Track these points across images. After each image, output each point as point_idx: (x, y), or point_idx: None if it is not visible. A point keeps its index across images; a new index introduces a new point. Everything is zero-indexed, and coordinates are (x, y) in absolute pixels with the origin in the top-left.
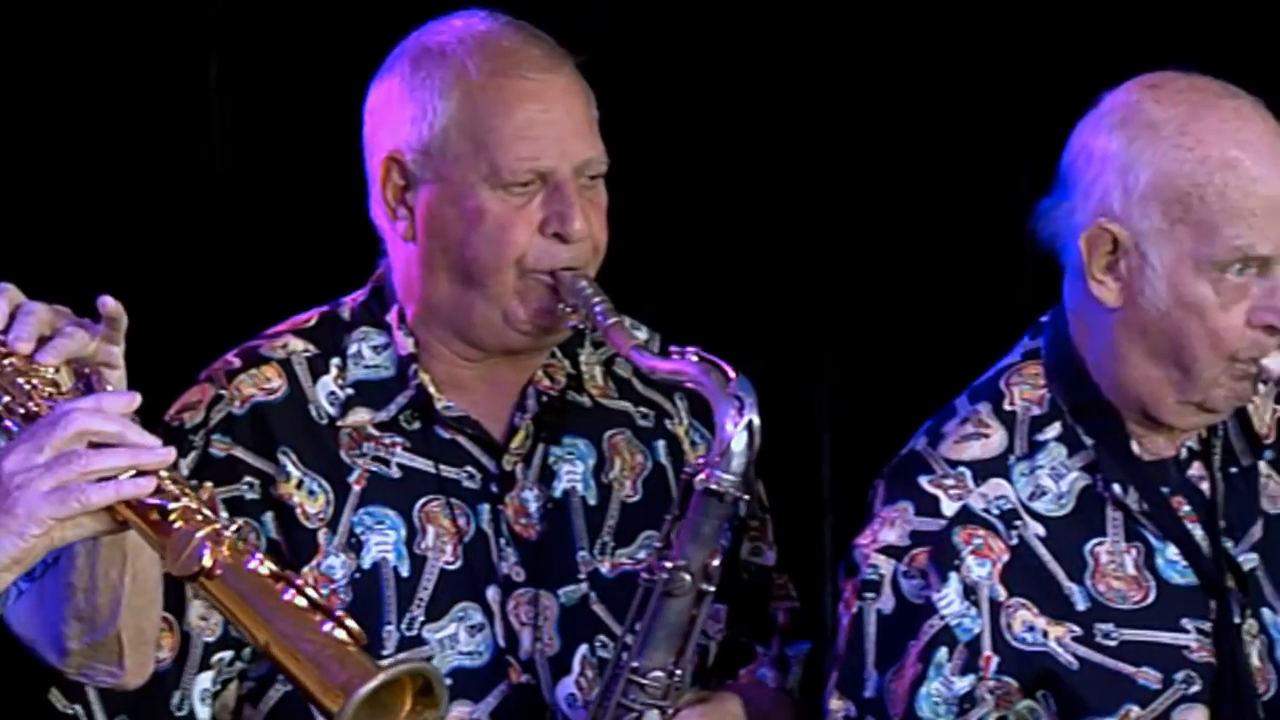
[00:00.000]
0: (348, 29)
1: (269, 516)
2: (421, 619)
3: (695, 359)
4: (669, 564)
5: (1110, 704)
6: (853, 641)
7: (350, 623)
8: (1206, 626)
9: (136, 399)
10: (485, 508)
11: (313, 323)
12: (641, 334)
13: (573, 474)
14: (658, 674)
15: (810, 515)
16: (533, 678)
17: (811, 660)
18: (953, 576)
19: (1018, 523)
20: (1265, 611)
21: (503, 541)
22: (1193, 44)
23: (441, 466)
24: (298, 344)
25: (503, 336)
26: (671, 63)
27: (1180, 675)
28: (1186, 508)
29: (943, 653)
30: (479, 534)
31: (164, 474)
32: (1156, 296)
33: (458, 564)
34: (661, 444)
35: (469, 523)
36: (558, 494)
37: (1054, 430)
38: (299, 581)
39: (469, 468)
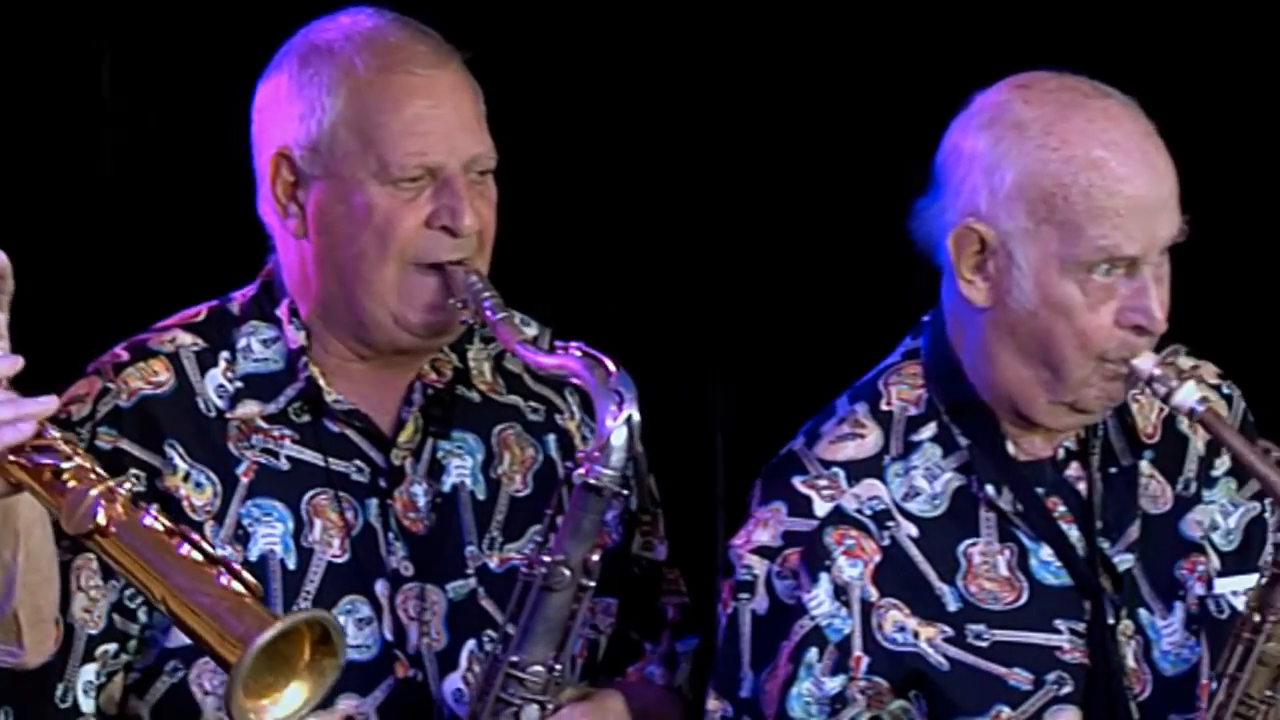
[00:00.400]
0: (240, 26)
1: (154, 509)
2: None
3: (579, 354)
4: (548, 558)
5: (981, 705)
6: (729, 641)
7: (246, 575)
8: (1080, 627)
9: (19, 362)
10: (374, 502)
11: (201, 317)
12: (531, 330)
13: (462, 469)
14: (537, 668)
15: (704, 512)
16: (420, 672)
17: (701, 656)
18: (824, 577)
19: (890, 523)
20: (1142, 612)
21: (391, 536)
22: (1075, 42)
23: (330, 459)
24: (186, 338)
25: (393, 336)
26: (560, 58)
27: (1052, 676)
28: (1062, 508)
29: (813, 653)
30: (367, 528)
31: (57, 434)
32: (1024, 296)
33: (345, 557)
34: (552, 438)
35: (357, 516)
36: (446, 489)
37: (929, 430)
38: (194, 536)
39: (358, 461)
